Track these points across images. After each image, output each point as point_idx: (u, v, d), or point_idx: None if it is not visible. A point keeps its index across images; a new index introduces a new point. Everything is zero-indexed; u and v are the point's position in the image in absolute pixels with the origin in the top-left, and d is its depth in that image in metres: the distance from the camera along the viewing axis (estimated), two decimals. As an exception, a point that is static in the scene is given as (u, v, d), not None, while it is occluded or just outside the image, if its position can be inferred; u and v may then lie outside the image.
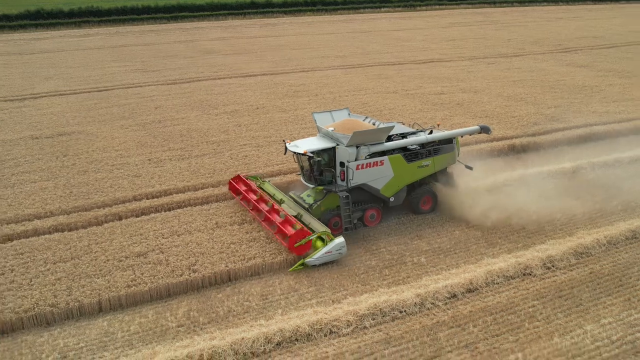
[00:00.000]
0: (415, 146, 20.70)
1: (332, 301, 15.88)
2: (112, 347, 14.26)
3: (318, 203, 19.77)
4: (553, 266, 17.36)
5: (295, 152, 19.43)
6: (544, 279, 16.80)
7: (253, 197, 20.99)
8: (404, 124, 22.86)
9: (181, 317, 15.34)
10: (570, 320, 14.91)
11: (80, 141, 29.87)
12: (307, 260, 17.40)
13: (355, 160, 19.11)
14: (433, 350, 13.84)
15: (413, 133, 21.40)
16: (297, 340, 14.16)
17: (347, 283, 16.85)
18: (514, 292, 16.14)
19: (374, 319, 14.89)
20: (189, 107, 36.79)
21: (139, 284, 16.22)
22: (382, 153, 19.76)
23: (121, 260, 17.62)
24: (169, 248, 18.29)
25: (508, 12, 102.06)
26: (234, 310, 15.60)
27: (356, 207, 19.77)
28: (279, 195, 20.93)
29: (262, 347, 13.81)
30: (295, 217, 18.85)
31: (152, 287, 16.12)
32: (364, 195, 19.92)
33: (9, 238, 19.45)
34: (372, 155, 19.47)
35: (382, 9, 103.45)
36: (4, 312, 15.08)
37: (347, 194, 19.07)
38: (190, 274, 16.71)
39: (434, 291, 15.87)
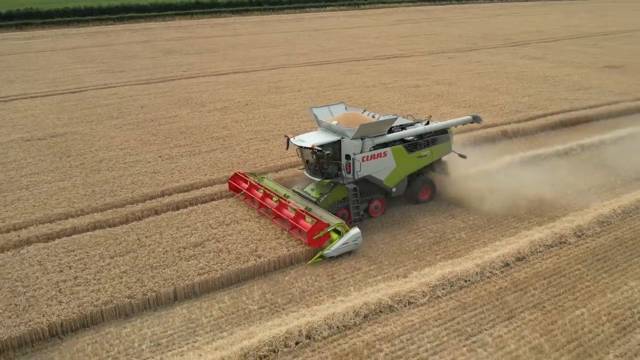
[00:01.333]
0: (412, 137, 21.50)
1: (397, 276, 16.84)
2: (202, 331, 14.59)
3: (325, 196, 20.14)
4: (583, 234, 19.04)
5: (302, 147, 19.74)
6: (578, 245, 18.44)
7: (258, 193, 21.08)
8: (397, 116, 23.68)
9: (258, 299, 15.83)
10: (615, 279, 16.56)
11: (77, 141, 29.30)
12: (325, 252, 17.84)
13: (361, 152, 19.64)
14: (507, 312, 15.07)
15: (411, 124, 22.27)
16: (381, 312, 15.01)
17: (403, 260, 17.85)
18: (557, 259, 17.66)
19: (444, 289, 15.96)
20: (176, 105, 36.64)
21: (209, 271, 16.54)
22: (384, 145, 20.43)
23: (180, 251, 17.81)
24: (223, 237, 18.62)
25: (449, 9, 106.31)
26: (307, 290, 16.25)
27: (361, 198, 20.24)
28: (282, 190, 21.18)
29: (352, 320, 14.56)
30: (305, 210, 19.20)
31: (223, 274, 16.50)
32: (367, 187, 20.46)
33: (49, 237, 19.15)
34: (376, 147, 20.05)
35: (327, 8, 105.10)
36: (83, 306, 15.06)
37: (355, 186, 19.65)
38: (255, 259, 17.18)
39: (489, 261, 17.14)
